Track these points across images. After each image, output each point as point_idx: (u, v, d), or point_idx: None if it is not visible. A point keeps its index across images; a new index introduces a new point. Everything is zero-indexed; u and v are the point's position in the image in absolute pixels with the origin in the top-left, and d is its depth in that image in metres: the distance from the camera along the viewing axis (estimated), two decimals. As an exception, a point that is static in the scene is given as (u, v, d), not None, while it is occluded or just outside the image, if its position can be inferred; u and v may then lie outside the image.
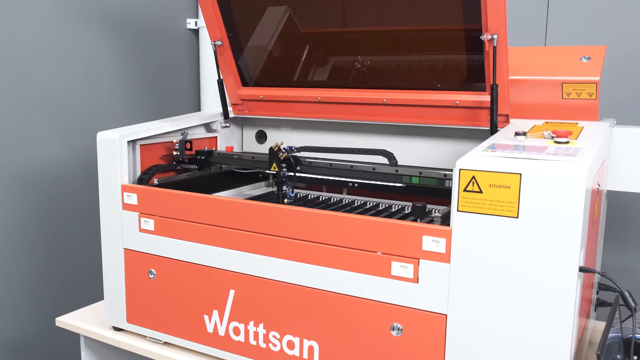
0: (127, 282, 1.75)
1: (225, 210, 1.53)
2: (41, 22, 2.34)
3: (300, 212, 1.43)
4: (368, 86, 1.83)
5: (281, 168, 1.69)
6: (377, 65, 1.81)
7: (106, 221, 1.75)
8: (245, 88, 2.04)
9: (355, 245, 1.36)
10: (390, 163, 1.63)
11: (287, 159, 1.69)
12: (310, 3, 1.82)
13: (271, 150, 1.69)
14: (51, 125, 2.41)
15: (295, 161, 1.71)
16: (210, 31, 1.94)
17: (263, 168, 1.89)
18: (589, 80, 1.61)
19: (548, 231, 1.15)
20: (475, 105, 1.67)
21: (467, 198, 1.22)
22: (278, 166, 1.69)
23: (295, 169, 1.71)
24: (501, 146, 1.33)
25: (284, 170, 1.70)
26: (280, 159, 1.68)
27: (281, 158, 1.68)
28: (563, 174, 1.13)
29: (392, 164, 1.63)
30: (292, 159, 1.70)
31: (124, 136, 1.70)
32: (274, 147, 1.69)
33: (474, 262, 1.23)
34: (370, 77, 1.83)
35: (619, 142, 1.67)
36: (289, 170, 1.70)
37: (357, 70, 1.85)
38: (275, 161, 1.69)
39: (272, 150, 1.69)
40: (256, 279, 1.52)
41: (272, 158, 1.69)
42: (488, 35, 1.52)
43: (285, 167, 1.70)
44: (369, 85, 1.83)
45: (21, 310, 2.38)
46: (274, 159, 1.69)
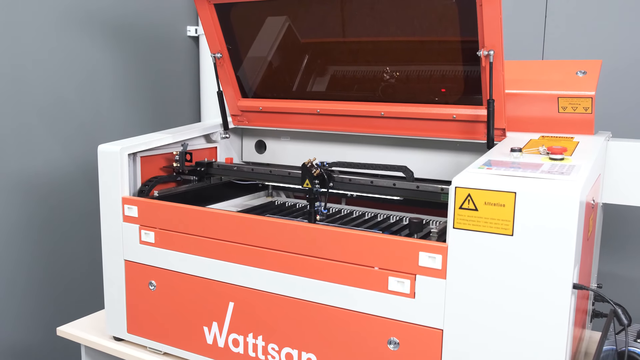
0: (127, 293, 1.77)
1: (224, 224, 1.55)
2: (42, 31, 2.36)
3: (299, 227, 1.44)
4: (366, 99, 1.85)
5: (314, 184, 1.68)
6: (376, 78, 1.83)
7: (107, 233, 1.77)
8: (244, 99, 2.05)
9: (353, 260, 1.38)
10: (408, 179, 1.63)
11: (320, 174, 1.68)
12: (310, 14, 1.83)
13: (304, 166, 1.67)
14: (52, 134, 2.43)
15: (329, 177, 1.70)
16: (210, 43, 1.96)
17: (262, 180, 1.91)
18: (585, 95, 1.63)
19: (542, 249, 1.17)
20: (472, 119, 1.68)
21: (462, 215, 1.23)
22: (311, 182, 1.67)
23: (328, 185, 1.70)
24: (497, 163, 1.34)
25: (317, 186, 1.69)
26: (313, 175, 1.67)
27: (314, 174, 1.67)
28: (557, 193, 1.14)
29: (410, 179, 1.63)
30: (325, 174, 1.69)
31: (124, 149, 1.72)
32: (306, 163, 1.67)
33: (470, 278, 1.25)
34: (368, 90, 1.84)
35: (615, 155, 1.68)
36: (321, 187, 1.69)
37: (355, 83, 1.87)
38: (308, 177, 1.67)
39: (305, 167, 1.67)
40: (255, 291, 1.53)
41: (305, 174, 1.67)
42: (484, 51, 1.54)
43: (318, 183, 1.69)
44: (367, 98, 1.85)
45: (22, 318, 2.40)
46: (307, 175, 1.67)
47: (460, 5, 1.55)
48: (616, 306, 1.83)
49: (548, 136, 1.65)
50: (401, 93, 1.79)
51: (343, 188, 1.71)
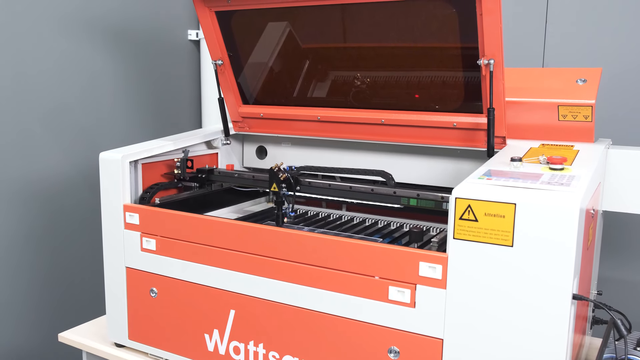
0: (129, 299, 1.78)
1: (225, 232, 1.56)
2: (44, 37, 2.36)
3: (300, 235, 1.45)
4: (367, 106, 1.85)
5: (281, 188, 1.71)
6: (376, 86, 1.83)
7: (108, 240, 1.78)
8: (245, 106, 2.06)
9: (354, 270, 1.39)
10: (388, 184, 1.65)
11: (287, 179, 1.71)
12: (311, 21, 1.84)
13: (271, 170, 1.71)
14: (54, 139, 2.43)
15: (295, 181, 1.73)
16: (211, 50, 1.96)
17: (263, 187, 1.91)
18: (585, 104, 1.63)
19: (542, 260, 1.17)
20: (472, 127, 1.69)
21: (463, 226, 1.24)
22: (278, 186, 1.71)
23: (295, 189, 1.73)
24: (497, 173, 1.35)
25: (283, 190, 1.72)
26: (280, 179, 1.71)
27: (281, 178, 1.70)
28: (556, 205, 1.15)
29: (390, 185, 1.65)
30: (292, 178, 1.72)
31: (126, 157, 1.72)
32: (274, 168, 1.71)
33: (470, 289, 1.25)
34: (369, 97, 1.85)
35: (615, 163, 1.69)
36: (288, 190, 1.73)
37: (356, 90, 1.87)
38: (275, 181, 1.71)
39: (272, 171, 1.71)
40: (256, 299, 1.54)
41: (272, 178, 1.71)
42: (485, 60, 1.55)
43: (285, 187, 1.72)
44: (367, 105, 1.85)
45: (24, 323, 2.41)
46: (274, 179, 1.71)
47: (460, 15, 1.56)
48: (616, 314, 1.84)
49: (548, 144, 1.65)
50: (401, 100, 1.79)
51: (312, 192, 1.74)
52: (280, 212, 1.72)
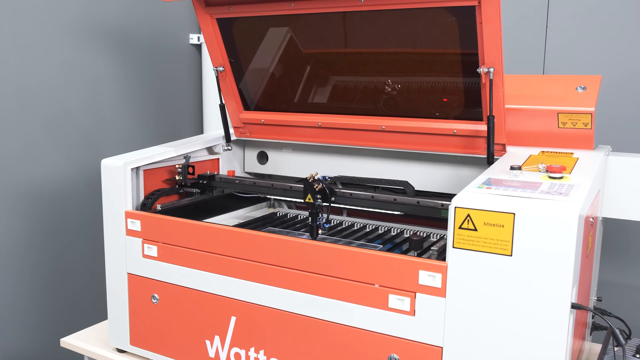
0: (130, 305, 1.79)
1: (225, 239, 1.57)
2: (47, 43, 2.37)
3: (300, 243, 1.46)
4: (367, 112, 1.86)
5: (316, 199, 1.69)
6: (377, 92, 1.84)
7: (110, 246, 1.79)
8: (246, 112, 2.07)
9: (354, 277, 1.40)
10: (409, 194, 1.64)
11: (322, 189, 1.69)
12: (312, 28, 1.85)
13: (306, 181, 1.68)
14: (56, 144, 2.44)
15: (330, 192, 1.71)
16: (213, 57, 1.97)
17: (264, 193, 1.92)
18: (584, 111, 1.64)
19: (541, 270, 1.18)
20: (472, 134, 1.70)
21: (462, 235, 1.25)
22: (313, 197, 1.68)
23: (330, 200, 1.71)
24: (496, 182, 1.36)
25: (318, 201, 1.70)
26: (315, 190, 1.68)
27: (316, 189, 1.68)
28: (555, 214, 1.15)
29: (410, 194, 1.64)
30: (327, 189, 1.70)
31: (127, 163, 1.73)
32: (308, 179, 1.68)
33: (469, 297, 1.26)
34: (369, 103, 1.86)
35: (614, 170, 1.69)
36: (323, 201, 1.70)
37: (356, 96, 1.88)
38: (310, 192, 1.68)
39: (307, 182, 1.68)
40: (257, 306, 1.55)
41: (307, 189, 1.68)
42: (485, 68, 1.55)
43: (320, 197, 1.70)
44: (368, 111, 1.86)
45: (26, 328, 2.42)
46: (309, 190, 1.68)
47: (460, 23, 1.56)
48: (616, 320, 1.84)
49: (548, 152, 1.66)
50: (402, 107, 1.80)
51: (344, 203, 1.73)
52: (315, 223, 1.69)
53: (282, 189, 1.84)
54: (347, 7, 1.68)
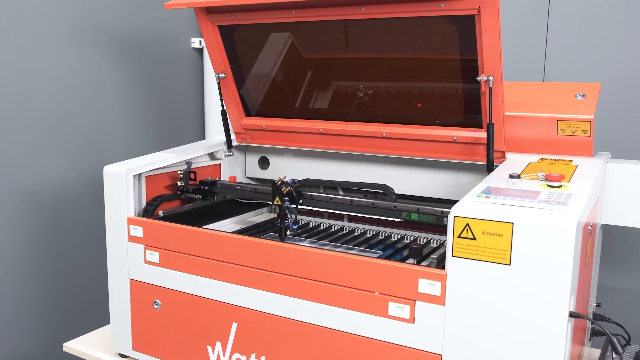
0: (132, 311, 1.80)
1: (227, 246, 1.58)
2: (51, 49, 2.39)
3: (301, 251, 1.47)
4: (368, 120, 1.87)
5: (284, 201, 1.73)
6: (377, 99, 1.85)
7: (112, 252, 1.80)
8: (248, 118, 2.08)
9: (354, 285, 1.41)
10: (389, 198, 1.67)
11: (290, 192, 1.73)
12: (313, 37, 1.86)
13: (274, 183, 1.73)
14: (59, 149, 2.46)
15: (298, 194, 1.75)
16: (214, 64, 1.98)
17: (265, 199, 1.93)
18: (584, 119, 1.65)
19: (539, 279, 1.19)
20: (472, 141, 1.71)
21: (461, 244, 1.26)
22: (281, 199, 1.73)
23: (297, 202, 1.75)
24: (495, 190, 1.37)
25: (286, 202, 1.74)
26: (283, 193, 1.73)
27: (284, 192, 1.72)
28: (553, 224, 1.16)
29: (391, 199, 1.67)
30: (295, 192, 1.74)
31: (130, 170, 1.75)
32: (277, 181, 1.73)
33: (468, 305, 1.27)
34: (370, 110, 1.87)
35: (614, 177, 1.70)
36: (291, 203, 1.74)
37: (357, 103, 1.89)
38: (278, 195, 1.73)
39: (275, 184, 1.73)
40: (258, 313, 1.56)
41: (275, 191, 1.73)
42: (484, 77, 1.56)
43: (288, 200, 1.74)
44: (369, 118, 1.87)
45: (29, 332, 2.43)
46: (277, 192, 1.73)
47: (460, 32, 1.57)
48: (615, 325, 1.85)
49: (547, 159, 1.67)
50: (402, 114, 1.81)
51: (313, 205, 1.76)
52: (283, 225, 1.74)
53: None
54: (347, 15, 1.69)
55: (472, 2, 1.48)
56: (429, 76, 1.73)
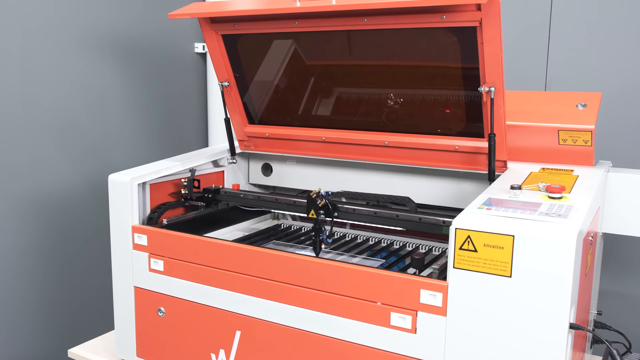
0: (137, 318, 1.82)
1: (231, 255, 1.59)
2: (55, 56, 2.41)
3: (305, 261, 1.48)
4: (370, 128, 1.88)
5: (319, 214, 1.71)
6: (379, 108, 1.86)
7: (117, 259, 1.82)
8: (251, 126, 2.10)
9: (356, 295, 1.42)
10: (410, 210, 1.66)
11: (325, 205, 1.71)
12: (316, 48, 1.87)
13: (309, 197, 1.71)
14: (64, 155, 2.48)
15: (333, 207, 1.73)
16: (218, 72, 2.00)
17: (268, 207, 1.95)
18: (585, 129, 1.66)
19: (539, 291, 1.20)
20: (473, 150, 1.72)
21: (462, 256, 1.27)
22: (316, 213, 1.70)
23: (333, 215, 1.73)
24: (497, 202, 1.38)
25: (322, 216, 1.72)
26: (319, 206, 1.70)
27: (319, 205, 1.70)
28: (553, 237, 1.18)
29: (412, 210, 1.66)
30: (330, 205, 1.72)
31: (134, 179, 1.76)
32: (312, 194, 1.70)
33: (470, 316, 1.28)
34: (372, 119, 1.88)
35: (615, 186, 1.71)
36: (326, 216, 1.72)
37: (359, 112, 1.91)
38: (314, 208, 1.71)
39: (311, 198, 1.70)
40: (262, 321, 1.58)
41: (310, 205, 1.70)
42: (485, 87, 1.58)
43: (323, 213, 1.72)
44: (371, 127, 1.88)
45: (33, 338, 2.45)
46: (312, 205, 1.70)
47: (461, 43, 1.59)
48: (616, 333, 1.86)
49: (548, 168, 1.68)
50: (404, 123, 1.83)
51: (347, 218, 1.75)
52: (318, 238, 1.71)
53: (286, 204, 1.87)
54: (350, 26, 1.70)
55: (474, 14, 1.49)
56: (431, 86, 1.75)
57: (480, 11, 1.48)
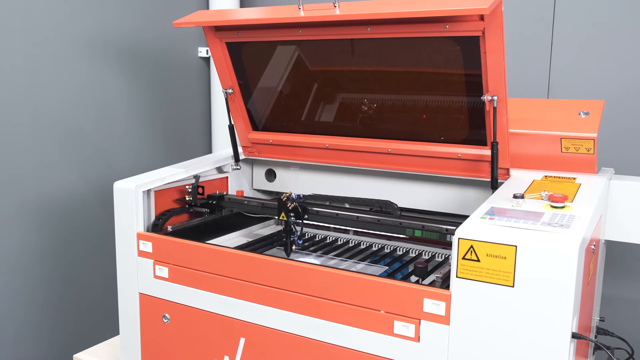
0: (142, 324, 1.83)
1: (235, 263, 1.60)
2: (61, 62, 2.42)
3: (308, 269, 1.49)
4: (373, 135, 1.89)
5: (289, 217, 1.76)
6: (383, 115, 1.87)
7: (122, 266, 1.83)
8: (255, 132, 2.11)
9: (360, 303, 1.43)
10: (394, 215, 1.69)
11: (295, 208, 1.76)
12: (320, 57, 1.88)
13: (279, 200, 1.76)
14: (69, 160, 2.49)
15: (303, 210, 1.77)
16: (222, 79, 2.01)
17: (271, 214, 1.96)
18: (587, 137, 1.67)
19: (542, 300, 1.21)
20: (476, 158, 1.73)
21: (465, 265, 1.28)
22: (286, 215, 1.76)
23: (303, 217, 1.78)
24: (499, 211, 1.39)
25: (292, 218, 1.77)
26: (289, 208, 1.75)
27: (289, 207, 1.75)
28: (555, 248, 1.19)
29: (395, 215, 1.69)
30: (300, 207, 1.77)
31: (139, 186, 1.78)
32: (282, 197, 1.75)
33: (472, 325, 1.29)
34: (375, 127, 1.89)
35: (617, 194, 1.72)
36: (296, 219, 1.77)
37: (362, 118, 1.92)
38: (284, 210, 1.76)
39: (281, 200, 1.75)
40: (266, 329, 1.59)
41: (281, 207, 1.76)
42: (488, 96, 1.59)
43: (294, 215, 1.77)
44: (374, 134, 1.89)
45: (39, 342, 2.47)
46: (283, 208, 1.76)
47: (465, 52, 1.60)
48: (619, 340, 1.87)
49: (551, 176, 1.69)
50: (407, 131, 1.84)
51: (320, 220, 1.79)
52: (289, 239, 1.76)
53: (289, 210, 1.88)
54: (354, 35, 1.71)
55: (477, 24, 1.50)
56: (434, 93, 1.76)
57: (483, 21, 1.49)
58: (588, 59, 2.31)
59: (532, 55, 2.40)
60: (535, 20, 2.38)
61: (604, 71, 2.29)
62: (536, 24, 2.38)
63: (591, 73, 2.31)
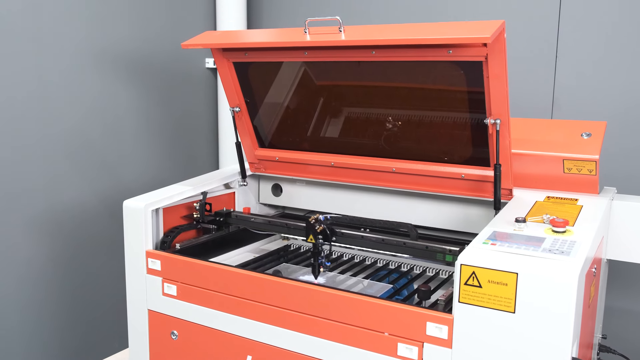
0: (150, 340, 1.87)
1: (241, 283, 1.64)
2: (71, 76, 2.46)
3: (314, 290, 1.52)
4: (379, 154, 1.92)
5: (317, 239, 1.76)
6: (388, 135, 1.90)
7: (131, 283, 1.87)
8: (262, 149, 2.14)
9: (364, 325, 1.46)
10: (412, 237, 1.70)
11: (323, 230, 1.76)
12: (325, 76, 1.91)
13: (308, 222, 1.76)
14: (79, 174, 2.53)
15: (331, 232, 1.78)
16: (229, 98, 2.04)
17: (278, 231, 1.99)
18: (589, 159, 1.69)
19: (542, 326, 1.24)
20: (480, 178, 1.75)
21: (467, 291, 1.31)
22: (314, 237, 1.76)
23: (331, 239, 1.78)
24: (501, 236, 1.41)
25: (320, 240, 1.77)
26: (317, 231, 1.75)
27: (317, 230, 1.75)
28: (556, 276, 1.21)
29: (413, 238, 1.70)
30: (328, 230, 1.77)
31: (148, 205, 1.81)
32: (310, 220, 1.75)
33: (474, 349, 1.32)
34: (380, 146, 1.92)
35: (619, 214, 1.74)
36: (324, 241, 1.77)
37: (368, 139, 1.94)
38: (312, 233, 1.76)
39: (309, 223, 1.75)
40: (272, 347, 1.62)
41: (309, 230, 1.76)
42: (491, 120, 1.61)
43: (322, 238, 1.77)
44: (379, 153, 1.92)
45: (48, 355, 2.50)
46: (311, 230, 1.75)
47: (468, 76, 1.62)
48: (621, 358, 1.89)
49: (553, 197, 1.71)
50: (412, 151, 1.86)
51: (347, 243, 1.80)
52: (316, 262, 1.77)
53: (295, 229, 1.91)
54: (359, 57, 1.74)
55: (480, 49, 1.53)
56: (438, 114, 1.78)
57: (486, 47, 1.52)
58: (592, 76, 2.33)
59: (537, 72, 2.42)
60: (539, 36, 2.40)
61: (607, 88, 2.31)
62: (541, 40, 2.40)
63: (595, 90, 2.33)
